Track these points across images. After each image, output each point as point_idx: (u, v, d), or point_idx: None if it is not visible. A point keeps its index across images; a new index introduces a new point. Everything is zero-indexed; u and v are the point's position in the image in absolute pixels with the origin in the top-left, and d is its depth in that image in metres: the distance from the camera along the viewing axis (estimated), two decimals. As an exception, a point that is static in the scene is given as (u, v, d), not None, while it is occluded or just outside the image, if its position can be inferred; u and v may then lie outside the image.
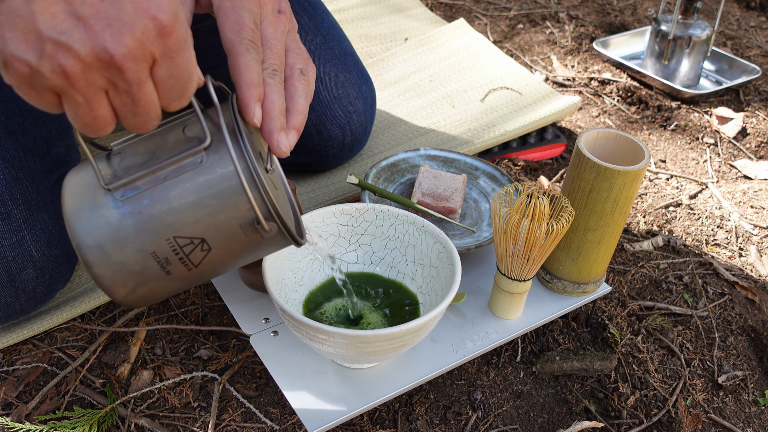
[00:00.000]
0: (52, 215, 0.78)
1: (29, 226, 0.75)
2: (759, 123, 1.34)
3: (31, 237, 0.75)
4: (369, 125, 1.06)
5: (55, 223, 0.78)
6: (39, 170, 0.78)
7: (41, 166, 0.79)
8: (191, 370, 0.80)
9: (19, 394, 0.77)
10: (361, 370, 0.69)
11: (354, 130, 1.02)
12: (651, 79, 1.42)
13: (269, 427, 0.74)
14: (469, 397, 0.78)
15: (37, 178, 0.77)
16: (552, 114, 1.22)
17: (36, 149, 0.79)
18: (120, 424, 0.74)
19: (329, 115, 0.99)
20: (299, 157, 1.02)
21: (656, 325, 0.89)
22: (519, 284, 0.72)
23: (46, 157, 0.80)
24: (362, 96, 1.02)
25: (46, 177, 0.79)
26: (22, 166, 0.76)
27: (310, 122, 0.97)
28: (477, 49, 1.42)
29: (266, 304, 0.76)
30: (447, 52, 1.41)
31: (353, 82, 1.01)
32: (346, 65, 1.01)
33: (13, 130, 0.77)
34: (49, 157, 0.80)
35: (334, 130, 1.00)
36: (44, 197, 0.78)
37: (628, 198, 0.71)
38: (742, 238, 1.07)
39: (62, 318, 0.83)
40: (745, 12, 1.87)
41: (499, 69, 1.36)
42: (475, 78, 1.33)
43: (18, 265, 0.74)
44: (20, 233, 0.74)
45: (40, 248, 0.76)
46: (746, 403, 0.82)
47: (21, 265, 0.74)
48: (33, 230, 0.75)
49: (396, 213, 0.73)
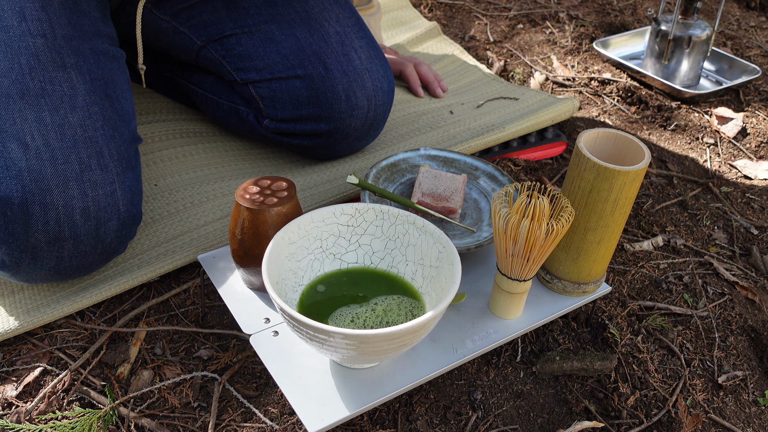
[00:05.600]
0: (136, 177, 0.85)
1: (121, 181, 0.82)
2: (759, 123, 1.34)
3: (122, 191, 0.82)
4: (388, 109, 1.09)
5: (137, 185, 0.85)
6: (127, 136, 0.86)
7: (128, 133, 0.86)
8: (191, 370, 0.80)
9: (19, 394, 0.77)
10: (361, 370, 0.69)
11: (378, 106, 1.05)
12: (651, 79, 1.42)
13: (269, 427, 0.74)
14: (469, 397, 0.78)
15: (127, 142, 0.85)
16: (551, 115, 1.22)
17: (125, 116, 0.87)
18: (120, 424, 0.74)
19: (360, 84, 1.02)
20: (321, 124, 1.03)
21: (656, 325, 0.89)
22: (519, 284, 0.72)
23: (130, 126, 0.88)
24: (387, 78, 1.07)
25: (132, 143, 0.87)
26: (116, 127, 0.84)
27: (341, 86, 1.01)
28: (475, 75, 1.41)
29: (266, 304, 0.76)
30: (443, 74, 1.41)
31: (381, 63, 1.06)
32: (375, 48, 1.07)
33: (110, 94, 0.85)
34: (131, 127, 0.88)
35: (362, 100, 1.03)
36: (131, 160, 0.85)
37: (628, 198, 0.71)
38: (742, 238, 1.07)
39: (64, 312, 0.83)
40: (745, 12, 1.87)
41: (497, 91, 1.35)
42: (473, 96, 1.33)
43: (107, 215, 0.80)
44: (113, 185, 0.81)
45: (126, 203, 0.82)
46: (746, 403, 0.82)
47: (109, 215, 0.81)
48: (123, 185, 0.82)
49: (396, 213, 0.73)
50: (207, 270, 0.79)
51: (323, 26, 1.02)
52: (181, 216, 0.98)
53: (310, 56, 1.00)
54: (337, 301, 0.72)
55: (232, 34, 1.03)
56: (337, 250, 0.75)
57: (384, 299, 0.72)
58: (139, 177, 0.87)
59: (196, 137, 1.15)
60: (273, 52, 1.01)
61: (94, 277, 0.88)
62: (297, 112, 1.03)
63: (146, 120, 1.17)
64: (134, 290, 0.89)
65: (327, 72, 1.00)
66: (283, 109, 1.03)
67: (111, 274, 0.88)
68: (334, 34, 1.02)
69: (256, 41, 1.02)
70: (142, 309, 0.87)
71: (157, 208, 0.99)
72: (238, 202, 0.72)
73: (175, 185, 1.03)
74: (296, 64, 1.00)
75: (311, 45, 1.00)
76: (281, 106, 1.03)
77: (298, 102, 1.02)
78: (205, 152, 1.12)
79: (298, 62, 1.00)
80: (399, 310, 0.71)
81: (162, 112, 1.20)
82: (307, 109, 1.02)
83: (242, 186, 0.75)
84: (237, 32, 1.02)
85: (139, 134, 1.13)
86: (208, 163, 1.10)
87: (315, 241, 0.73)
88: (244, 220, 0.72)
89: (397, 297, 0.72)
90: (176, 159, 1.09)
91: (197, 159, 1.10)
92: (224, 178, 1.06)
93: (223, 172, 1.08)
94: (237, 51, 1.03)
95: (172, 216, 0.97)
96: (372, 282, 0.74)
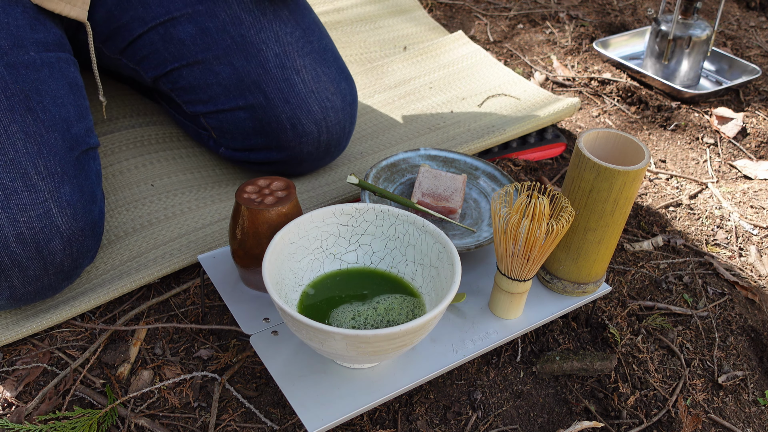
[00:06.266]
0: (76, 189, 0.80)
1: (54, 198, 0.77)
2: (759, 123, 1.34)
3: (57, 208, 0.77)
4: (348, 125, 1.03)
5: (80, 196, 0.80)
6: (60, 146, 0.81)
7: (62, 143, 0.81)
8: (191, 370, 0.80)
9: (19, 394, 0.77)
10: (361, 370, 0.69)
11: (330, 127, 0.99)
12: (651, 79, 1.42)
13: (269, 427, 0.74)
14: (469, 397, 0.78)
15: (59, 153, 0.80)
16: (551, 115, 1.22)
17: (56, 126, 0.81)
18: (120, 424, 0.74)
19: (305, 109, 0.96)
20: (272, 153, 0.99)
21: (656, 325, 0.89)
22: (519, 284, 0.72)
23: (67, 135, 0.82)
24: (341, 92, 1.00)
25: (68, 153, 0.81)
26: (43, 141, 0.79)
27: (284, 115, 0.95)
28: (475, 59, 1.42)
29: (266, 304, 0.76)
30: (446, 62, 1.41)
31: (332, 78, 0.99)
32: (325, 60, 1.00)
33: (33, 107, 0.80)
34: (69, 135, 0.83)
35: (309, 125, 0.97)
36: (67, 171, 0.80)
37: (628, 198, 0.71)
38: (742, 238, 1.07)
39: (62, 317, 0.83)
40: (745, 12, 1.87)
41: (497, 78, 1.36)
42: (473, 86, 1.33)
43: (46, 236, 0.76)
44: (46, 204, 0.76)
45: (66, 220, 0.78)
46: (746, 403, 0.82)
47: (49, 236, 0.76)
48: (58, 202, 0.78)
49: (396, 213, 0.73)
50: (207, 270, 0.79)
51: (260, 50, 0.95)
52: (179, 219, 0.97)
53: (250, 86, 0.95)
54: (337, 301, 0.72)
55: (173, 69, 0.98)
56: (337, 250, 0.75)
57: (386, 298, 0.72)
58: (86, 185, 0.82)
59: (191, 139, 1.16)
60: (214, 83, 0.96)
61: (92, 281, 0.88)
62: (247, 142, 0.99)
63: (144, 122, 1.17)
64: (134, 290, 0.89)
65: (268, 102, 0.95)
66: (234, 139, 1.00)
67: (109, 277, 0.88)
68: (273, 58, 0.95)
69: (196, 73, 0.97)
70: (142, 309, 0.87)
71: (155, 211, 0.98)
72: (238, 202, 0.72)
73: (172, 186, 1.03)
74: (237, 95, 0.96)
75: (249, 74, 0.95)
76: (231, 137, 1.00)
77: (246, 132, 0.98)
78: (203, 155, 1.12)
79: (239, 93, 0.96)
80: (400, 309, 0.71)
81: (160, 114, 1.20)
82: (256, 139, 0.98)
83: (242, 186, 0.75)
84: (176, 66, 0.98)
85: (138, 135, 1.13)
86: (205, 164, 1.09)
87: (315, 241, 0.73)
88: (244, 220, 0.72)
89: (400, 296, 0.72)
90: (173, 160, 1.09)
91: (195, 161, 1.10)
92: (221, 182, 1.06)
93: (221, 175, 1.08)
94: (181, 84, 0.99)
95: (169, 219, 0.97)
96: (372, 282, 0.74)
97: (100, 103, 1.12)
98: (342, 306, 0.71)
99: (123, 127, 1.14)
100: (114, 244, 0.93)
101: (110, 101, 1.20)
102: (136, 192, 1.01)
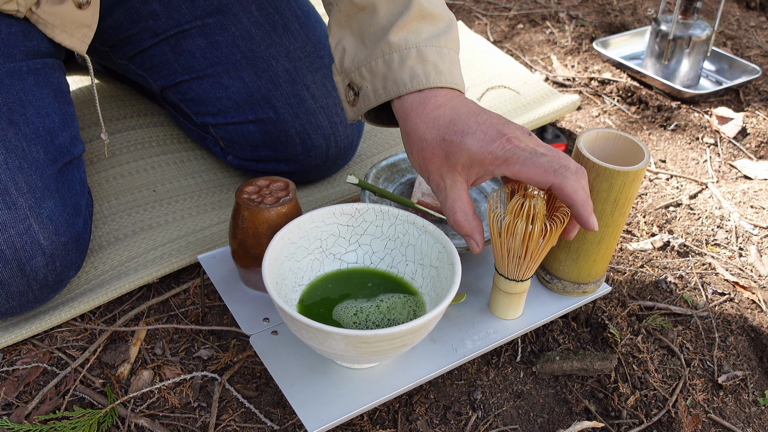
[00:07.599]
0: (58, 203, 0.79)
1: (35, 214, 0.76)
2: (759, 123, 1.34)
3: (38, 225, 0.76)
4: (356, 138, 1.03)
5: (62, 210, 0.79)
6: (42, 159, 0.79)
7: (45, 156, 0.80)
8: (191, 370, 0.80)
9: (19, 394, 0.77)
10: (361, 370, 0.69)
11: (339, 141, 1.00)
12: (651, 79, 1.42)
13: (269, 427, 0.74)
14: (469, 397, 0.78)
15: (41, 167, 0.79)
16: (551, 113, 1.22)
17: (38, 139, 0.80)
18: (120, 424, 0.74)
19: (314, 124, 0.97)
20: (281, 165, 1.00)
21: (656, 325, 0.89)
22: (517, 284, 0.72)
23: (50, 147, 0.81)
24: None
25: (50, 166, 0.80)
26: (25, 155, 0.78)
27: (293, 130, 0.96)
28: (476, 49, 1.42)
29: (266, 304, 0.76)
30: None
31: None
32: None
33: (15, 120, 0.79)
34: (52, 146, 0.82)
35: (318, 140, 0.98)
36: (49, 185, 0.79)
37: (628, 198, 0.71)
38: (742, 238, 1.07)
39: (62, 318, 0.83)
40: (745, 12, 1.87)
41: (497, 67, 1.36)
42: (473, 75, 1.33)
43: (27, 254, 0.75)
44: (27, 221, 0.75)
45: (48, 236, 0.77)
46: (746, 403, 0.82)
47: (30, 253, 0.76)
48: (39, 218, 0.77)
49: (396, 213, 0.73)
50: (207, 270, 0.79)
51: (270, 66, 0.96)
52: (179, 224, 0.97)
53: (260, 100, 0.96)
54: (337, 301, 0.72)
55: (183, 80, 0.99)
56: (337, 250, 0.75)
57: (390, 297, 0.72)
58: (69, 197, 0.81)
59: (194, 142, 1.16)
60: (223, 97, 0.97)
61: (92, 282, 0.88)
62: (256, 153, 1.00)
63: (146, 123, 1.17)
64: (134, 290, 0.90)
65: (278, 116, 0.96)
66: (242, 150, 1.00)
67: (109, 277, 0.88)
68: (283, 73, 0.96)
69: (206, 86, 0.98)
70: (141, 309, 0.87)
71: (156, 216, 0.98)
72: (238, 202, 0.72)
73: (174, 192, 1.03)
74: (247, 109, 0.97)
75: (259, 89, 0.96)
76: (239, 147, 1.00)
77: (254, 144, 0.99)
78: (204, 158, 1.11)
79: (249, 107, 0.96)
80: (403, 308, 0.71)
81: (161, 114, 1.20)
82: (264, 151, 0.99)
83: (242, 186, 0.75)
84: (186, 78, 0.99)
85: (140, 137, 1.12)
86: (207, 168, 1.09)
87: (315, 241, 0.73)
88: (244, 220, 0.72)
89: (403, 296, 0.72)
90: (174, 164, 1.09)
91: (197, 164, 1.10)
92: (223, 187, 1.06)
93: (222, 179, 1.08)
94: (191, 96, 1.00)
95: (169, 224, 0.97)
96: (372, 282, 0.74)
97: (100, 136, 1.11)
98: (346, 302, 0.71)
99: (124, 128, 1.14)
100: (114, 245, 0.93)
101: (111, 101, 1.20)
102: (138, 197, 1.01)
